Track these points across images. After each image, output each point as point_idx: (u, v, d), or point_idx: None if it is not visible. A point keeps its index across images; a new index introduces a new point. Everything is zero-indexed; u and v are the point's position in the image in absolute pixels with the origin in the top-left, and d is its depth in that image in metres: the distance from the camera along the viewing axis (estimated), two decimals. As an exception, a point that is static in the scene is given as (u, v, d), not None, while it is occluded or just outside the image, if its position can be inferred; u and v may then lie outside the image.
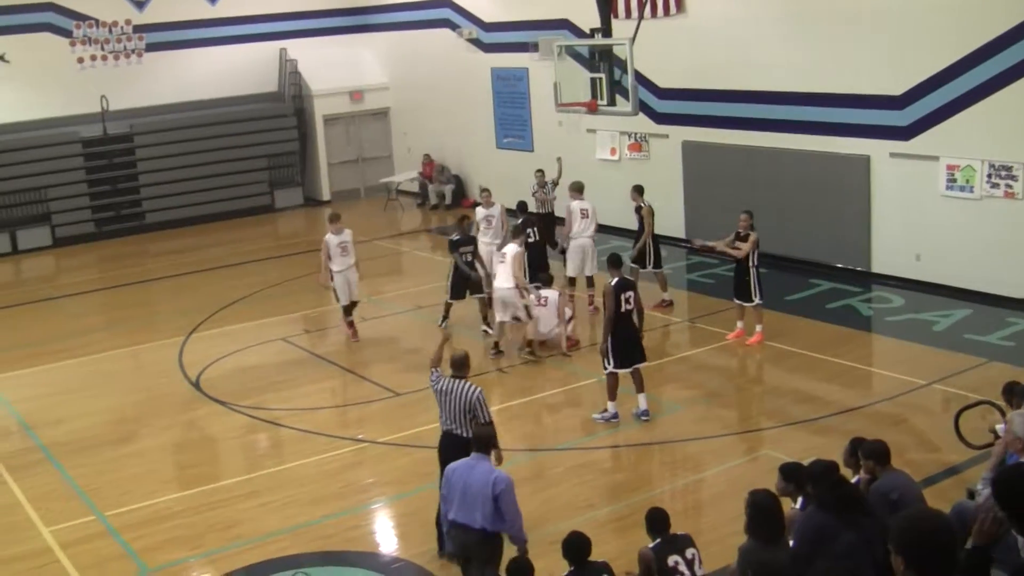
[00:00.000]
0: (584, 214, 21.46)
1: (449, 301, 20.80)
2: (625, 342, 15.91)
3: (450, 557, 11.60)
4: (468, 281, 20.54)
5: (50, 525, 14.18)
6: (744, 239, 18.89)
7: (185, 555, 13.22)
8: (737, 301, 19.32)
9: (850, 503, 8.66)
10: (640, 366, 16.13)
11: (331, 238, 20.71)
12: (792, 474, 9.85)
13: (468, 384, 12.26)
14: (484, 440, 10.75)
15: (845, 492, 8.78)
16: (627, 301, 15.84)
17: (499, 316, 19.36)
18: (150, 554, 13.25)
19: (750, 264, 18.93)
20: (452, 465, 10.68)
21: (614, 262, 16.44)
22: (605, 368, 16.12)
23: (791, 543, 8.75)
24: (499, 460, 12.01)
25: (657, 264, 21.64)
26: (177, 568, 12.95)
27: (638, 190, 21.73)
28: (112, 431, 17.60)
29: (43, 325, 24.21)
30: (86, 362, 21.25)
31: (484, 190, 22.80)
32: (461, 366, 12.44)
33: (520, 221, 21.37)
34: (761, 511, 8.65)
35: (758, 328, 19.12)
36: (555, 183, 24.27)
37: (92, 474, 15.79)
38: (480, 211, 22.49)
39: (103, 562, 13.16)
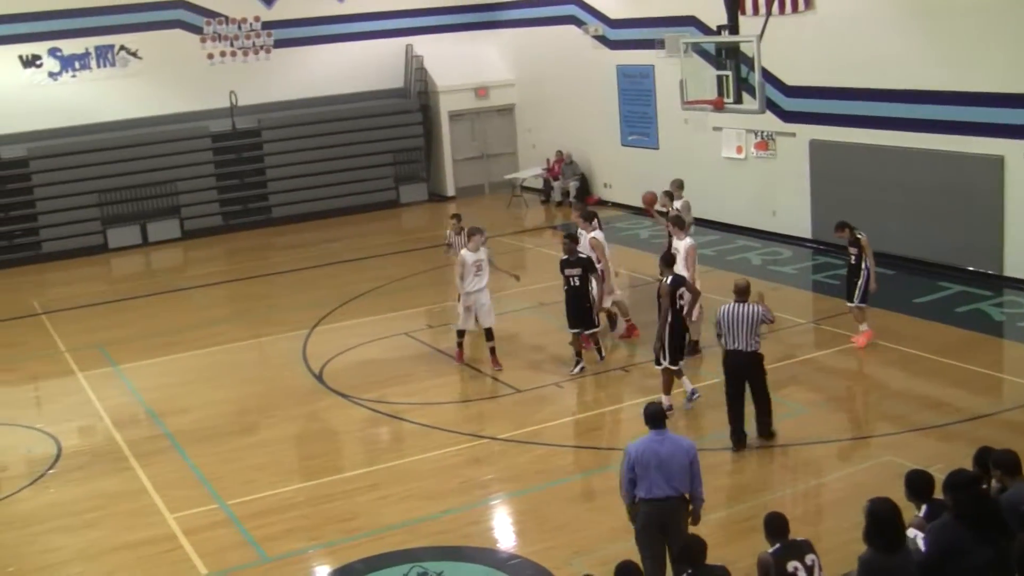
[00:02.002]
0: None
1: (573, 332, 18.77)
2: (680, 339, 16.39)
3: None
4: (582, 308, 18.55)
5: (174, 512, 14.43)
6: (855, 243, 18.53)
7: (304, 545, 13.37)
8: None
9: (990, 519, 8.39)
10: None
11: (467, 255, 18.83)
12: (915, 483, 9.59)
13: (750, 305, 14.75)
14: (658, 416, 11.05)
15: (987, 507, 8.51)
16: (680, 297, 16.32)
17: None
18: (270, 543, 13.41)
19: (862, 266, 18.59)
20: (634, 447, 10.94)
21: (668, 261, 16.85)
22: (659, 364, 16.45)
23: (922, 551, 8.54)
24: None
25: None
26: (296, 558, 13.10)
27: (669, 196, 21.31)
28: (236, 421, 17.86)
29: (171, 316, 24.64)
30: (212, 353, 21.57)
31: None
32: (744, 292, 14.96)
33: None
34: (880, 520, 8.45)
35: (862, 328, 18.78)
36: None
37: (216, 463, 16.04)
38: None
39: (224, 550, 13.36)
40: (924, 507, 9.46)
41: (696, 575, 9.13)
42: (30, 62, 32.22)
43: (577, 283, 18.40)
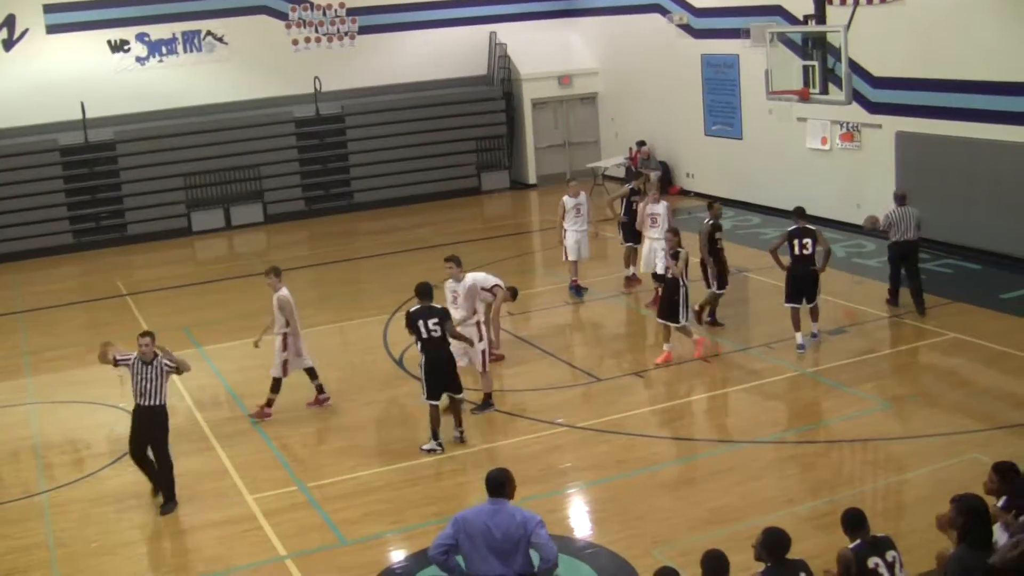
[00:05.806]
0: (578, 211, 22.65)
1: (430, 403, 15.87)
2: (797, 280, 18.62)
3: None
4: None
5: (254, 493, 14.54)
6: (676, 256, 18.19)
7: (384, 529, 13.42)
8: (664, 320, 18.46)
9: None
10: (817, 302, 18.85)
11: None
12: (1006, 473, 9.46)
13: (910, 208, 19.30)
14: (496, 484, 9.82)
15: None
16: (803, 247, 18.58)
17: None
18: (350, 526, 13.48)
19: (681, 283, 18.11)
20: (462, 515, 9.75)
21: (796, 211, 19.37)
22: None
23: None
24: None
25: None
26: (375, 542, 13.15)
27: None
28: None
29: (254, 299, 24.68)
30: (294, 336, 21.67)
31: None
32: (903, 198, 19.16)
33: None
34: (980, 516, 8.34)
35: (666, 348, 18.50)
36: None
37: (296, 446, 16.16)
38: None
39: (304, 531, 13.44)
40: (1003, 499, 9.35)
41: (776, 569, 9.00)
42: (118, 47, 32.64)
43: (438, 333, 15.61)
